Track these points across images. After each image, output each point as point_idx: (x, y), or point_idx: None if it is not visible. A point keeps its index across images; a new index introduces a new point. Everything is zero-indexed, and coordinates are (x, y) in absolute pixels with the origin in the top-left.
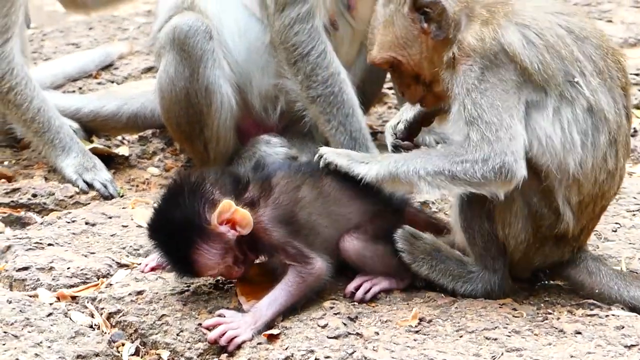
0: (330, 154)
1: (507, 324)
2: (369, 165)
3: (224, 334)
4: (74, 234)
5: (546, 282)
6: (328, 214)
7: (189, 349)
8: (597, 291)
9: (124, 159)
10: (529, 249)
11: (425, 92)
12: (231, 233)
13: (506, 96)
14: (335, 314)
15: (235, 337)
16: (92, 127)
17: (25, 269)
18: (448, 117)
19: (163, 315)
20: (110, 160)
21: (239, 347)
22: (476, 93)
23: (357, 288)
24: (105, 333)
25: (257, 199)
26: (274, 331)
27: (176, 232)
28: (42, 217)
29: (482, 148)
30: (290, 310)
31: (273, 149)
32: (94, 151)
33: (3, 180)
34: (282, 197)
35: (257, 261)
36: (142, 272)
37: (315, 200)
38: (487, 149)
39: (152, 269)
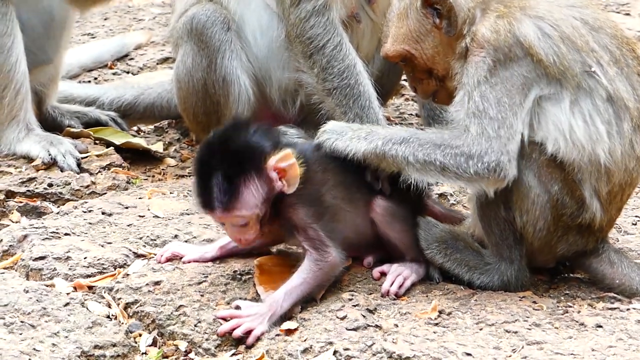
0: (326, 134)
1: (527, 317)
2: (356, 143)
3: (237, 327)
4: (90, 223)
5: (566, 275)
6: (350, 200)
7: (207, 340)
8: (617, 282)
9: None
10: (549, 236)
11: (437, 86)
12: (278, 184)
13: (514, 92)
14: (354, 305)
15: (252, 329)
16: None
17: (42, 258)
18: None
19: (180, 305)
20: (143, 156)
21: (257, 338)
22: (485, 86)
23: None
24: (123, 323)
25: None
26: (292, 325)
27: (236, 157)
28: (58, 206)
29: (480, 143)
30: (308, 301)
31: (290, 140)
32: (127, 145)
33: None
34: (314, 175)
35: (273, 250)
36: (159, 262)
37: (339, 184)
38: (485, 145)
39: (168, 259)
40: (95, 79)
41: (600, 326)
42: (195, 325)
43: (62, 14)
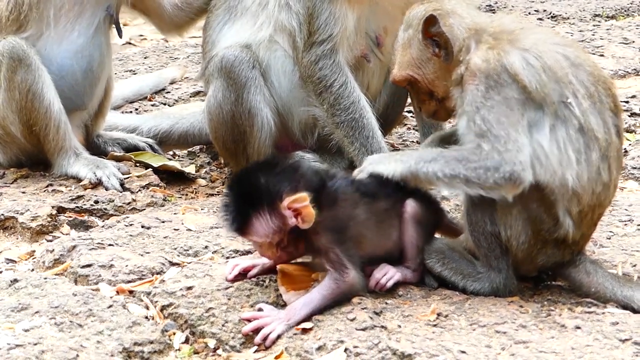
0: (368, 162)
1: (514, 319)
2: (393, 165)
3: (257, 329)
4: (131, 235)
5: (549, 282)
6: (378, 228)
7: (233, 338)
8: (593, 290)
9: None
10: (530, 249)
11: (438, 107)
12: (292, 220)
13: (510, 112)
14: (363, 308)
15: (270, 332)
16: None
17: (89, 266)
18: (457, 129)
19: (210, 308)
20: (178, 177)
21: (274, 341)
22: (484, 110)
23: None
24: (159, 323)
25: (323, 205)
26: (307, 325)
27: (253, 192)
28: (103, 220)
29: (493, 157)
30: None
31: (332, 174)
32: (164, 168)
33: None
34: (341, 211)
35: (299, 260)
36: (228, 280)
37: (368, 219)
38: (498, 158)
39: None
40: (136, 109)
41: (579, 327)
42: (222, 325)
43: (99, 67)
